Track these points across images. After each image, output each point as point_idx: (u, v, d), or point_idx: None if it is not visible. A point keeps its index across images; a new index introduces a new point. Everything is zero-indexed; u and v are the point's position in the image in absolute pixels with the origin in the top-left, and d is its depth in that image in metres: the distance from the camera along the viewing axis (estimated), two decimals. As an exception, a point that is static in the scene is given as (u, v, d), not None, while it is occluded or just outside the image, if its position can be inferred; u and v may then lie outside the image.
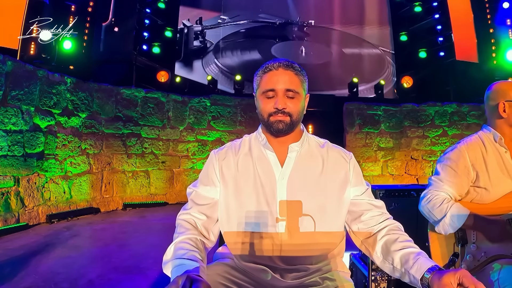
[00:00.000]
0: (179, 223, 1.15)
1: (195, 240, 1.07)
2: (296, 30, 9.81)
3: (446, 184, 1.54)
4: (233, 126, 6.83)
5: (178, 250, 1.00)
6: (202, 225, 1.15)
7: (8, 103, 4.19)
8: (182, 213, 1.18)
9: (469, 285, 0.81)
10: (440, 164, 1.60)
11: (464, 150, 1.56)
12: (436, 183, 1.57)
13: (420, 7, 8.66)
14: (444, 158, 1.60)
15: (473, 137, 1.62)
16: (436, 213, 1.49)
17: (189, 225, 1.13)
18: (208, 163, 1.24)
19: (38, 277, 2.76)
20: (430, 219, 1.55)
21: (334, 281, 1.16)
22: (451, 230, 1.46)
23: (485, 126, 1.63)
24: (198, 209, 1.17)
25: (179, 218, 1.17)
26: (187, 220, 1.15)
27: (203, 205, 1.18)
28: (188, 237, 1.06)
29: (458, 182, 1.53)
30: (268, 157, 1.20)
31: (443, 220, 1.47)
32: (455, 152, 1.58)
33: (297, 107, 1.16)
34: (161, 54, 8.07)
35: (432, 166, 6.97)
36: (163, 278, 2.83)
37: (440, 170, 1.59)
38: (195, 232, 1.11)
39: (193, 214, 1.16)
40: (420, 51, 8.44)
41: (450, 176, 1.54)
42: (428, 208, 1.52)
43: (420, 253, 0.99)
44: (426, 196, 1.57)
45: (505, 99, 1.54)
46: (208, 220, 1.16)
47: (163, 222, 4.87)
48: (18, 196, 4.33)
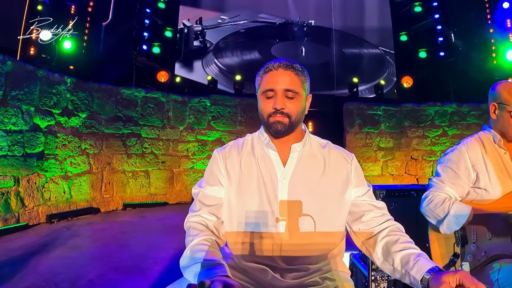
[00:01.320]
0: (190, 225, 1.14)
1: (211, 241, 1.06)
2: (296, 30, 9.81)
3: (447, 186, 1.55)
4: (233, 126, 6.83)
5: (197, 252, 0.99)
6: (213, 226, 1.15)
7: (8, 103, 4.19)
8: (191, 215, 1.17)
9: (469, 286, 0.81)
10: (440, 166, 1.61)
11: (464, 151, 1.56)
12: (437, 184, 1.57)
13: (420, 7, 8.65)
14: (445, 159, 1.60)
15: (473, 137, 1.62)
16: (439, 212, 1.49)
17: (202, 226, 1.13)
18: (213, 162, 1.24)
19: (38, 277, 2.76)
20: (433, 219, 1.54)
21: (334, 281, 1.16)
22: (456, 227, 1.46)
23: (485, 127, 1.63)
24: (207, 210, 1.16)
25: (189, 220, 1.16)
26: (199, 221, 1.14)
27: (212, 205, 1.17)
28: (204, 239, 1.06)
29: (459, 183, 1.54)
30: (270, 156, 1.20)
31: (447, 217, 1.46)
32: (455, 154, 1.58)
33: (296, 107, 1.15)
34: (161, 54, 8.07)
35: (432, 166, 6.97)
36: (163, 278, 2.83)
37: (441, 171, 1.59)
38: (208, 232, 1.11)
39: (203, 216, 1.15)
40: (420, 51, 8.43)
41: (451, 178, 1.55)
42: (430, 208, 1.52)
43: (420, 254, 0.99)
44: (427, 197, 1.56)
45: (496, 101, 1.54)
46: (218, 221, 1.16)
47: (163, 222, 4.87)
48: (18, 196, 4.33)
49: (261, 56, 9.41)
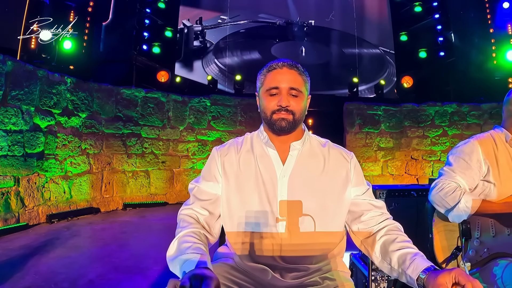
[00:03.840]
0: (181, 218, 1.15)
1: (199, 234, 1.07)
2: (296, 30, 9.81)
3: (458, 175, 1.55)
4: (233, 126, 6.83)
5: (182, 243, 1.00)
6: (204, 220, 1.16)
7: (8, 103, 4.19)
8: (184, 208, 1.18)
9: (465, 283, 0.81)
10: (452, 156, 1.62)
11: (477, 144, 1.58)
12: (448, 173, 1.58)
13: (420, 7, 8.65)
14: (457, 150, 1.62)
15: (485, 134, 1.65)
16: (449, 200, 1.49)
17: (192, 219, 1.14)
18: (211, 160, 1.25)
19: (38, 277, 2.77)
20: (441, 207, 1.53)
21: (334, 281, 1.16)
22: (465, 216, 1.47)
23: (497, 126, 1.66)
24: (200, 204, 1.17)
25: (181, 213, 1.17)
26: (189, 214, 1.15)
27: (205, 200, 1.18)
28: (191, 231, 1.07)
29: (470, 174, 1.54)
30: (269, 154, 1.21)
31: (457, 205, 1.46)
32: (468, 146, 1.60)
33: (299, 106, 1.17)
34: (161, 54, 8.07)
35: (432, 166, 6.97)
36: (163, 278, 2.83)
37: (453, 161, 1.60)
38: (198, 226, 1.12)
39: (195, 209, 1.16)
40: (420, 51, 8.43)
41: (463, 168, 1.56)
42: (441, 195, 1.51)
43: (417, 254, 1.00)
44: (437, 185, 1.56)
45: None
46: (210, 216, 1.17)
47: (163, 222, 4.87)
48: (18, 196, 4.33)
49: (261, 56, 9.41)
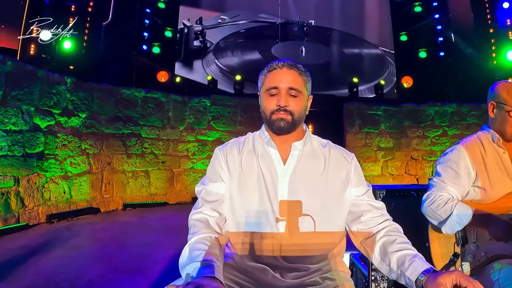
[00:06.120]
0: (192, 223, 1.14)
1: (209, 239, 1.06)
2: (296, 30, 9.80)
3: (448, 185, 1.54)
4: (233, 126, 6.83)
5: (193, 251, 1.00)
6: (215, 222, 1.15)
7: (8, 103, 4.19)
8: (194, 212, 1.17)
9: (467, 285, 0.81)
10: (440, 165, 1.60)
11: (463, 150, 1.56)
12: (438, 184, 1.56)
13: (420, 7, 8.65)
14: (444, 159, 1.60)
15: (472, 137, 1.62)
16: (441, 213, 1.48)
17: (202, 224, 1.13)
18: (214, 160, 1.25)
19: (38, 277, 2.76)
20: (434, 220, 1.52)
21: (334, 281, 1.16)
22: (458, 227, 1.45)
23: (484, 127, 1.64)
24: (209, 206, 1.17)
25: (191, 218, 1.16)
26: (200, 219, 1.14)
27: (214, 201, 1.18)
28: (202, 237, 1.06)
29: (460, 182, 1.53)
30: (271, 154, 1.21)
31: (450, 218, 1.45)
32: (454, 153, 1.58)
33: (299, 106, 1.17)
34: (161, 54, 8.06)
35: (432, 166, 6.97)
36: (163, 278, 2.83)
37: (441, 171, 1.58)
38: (208, 230, 1.11)
39: (204, 212, 1.16)
40: (420, 51, 8.43)
41: (452, 177, 1.54)
42: (432, 208, 1.51)
43: (416, 255, 1.00)
44: (429, 197, 1.55)
45: (494, 100, 1.55)
46: (220, 217, 1.17)
47: (163, 222, 4.87)
48: (18, 196, 4.33)
49: (261, 56, 9.41)
